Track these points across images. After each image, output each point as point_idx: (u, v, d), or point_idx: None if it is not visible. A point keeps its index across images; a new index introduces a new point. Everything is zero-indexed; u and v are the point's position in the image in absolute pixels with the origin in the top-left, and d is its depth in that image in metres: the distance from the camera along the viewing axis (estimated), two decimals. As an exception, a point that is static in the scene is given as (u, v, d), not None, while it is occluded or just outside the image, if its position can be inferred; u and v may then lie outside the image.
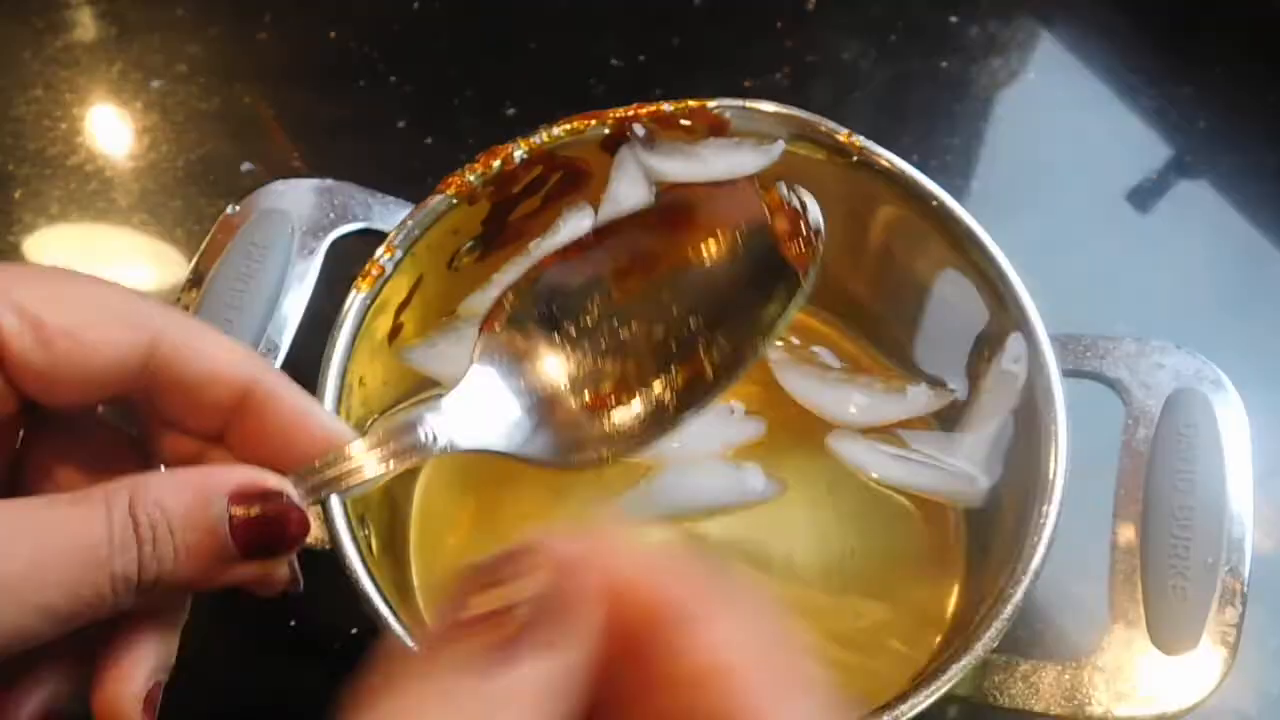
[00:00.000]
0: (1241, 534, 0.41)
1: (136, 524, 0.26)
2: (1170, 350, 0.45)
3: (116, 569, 0.26)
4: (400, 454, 0.30)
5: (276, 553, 0.28)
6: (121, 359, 0.28)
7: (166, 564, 0.26)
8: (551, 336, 0.32)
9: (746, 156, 0.48)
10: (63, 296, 0.27)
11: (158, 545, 0.26)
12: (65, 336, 0.27)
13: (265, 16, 0.70)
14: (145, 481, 0.27)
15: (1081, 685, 0.39)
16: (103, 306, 0.28)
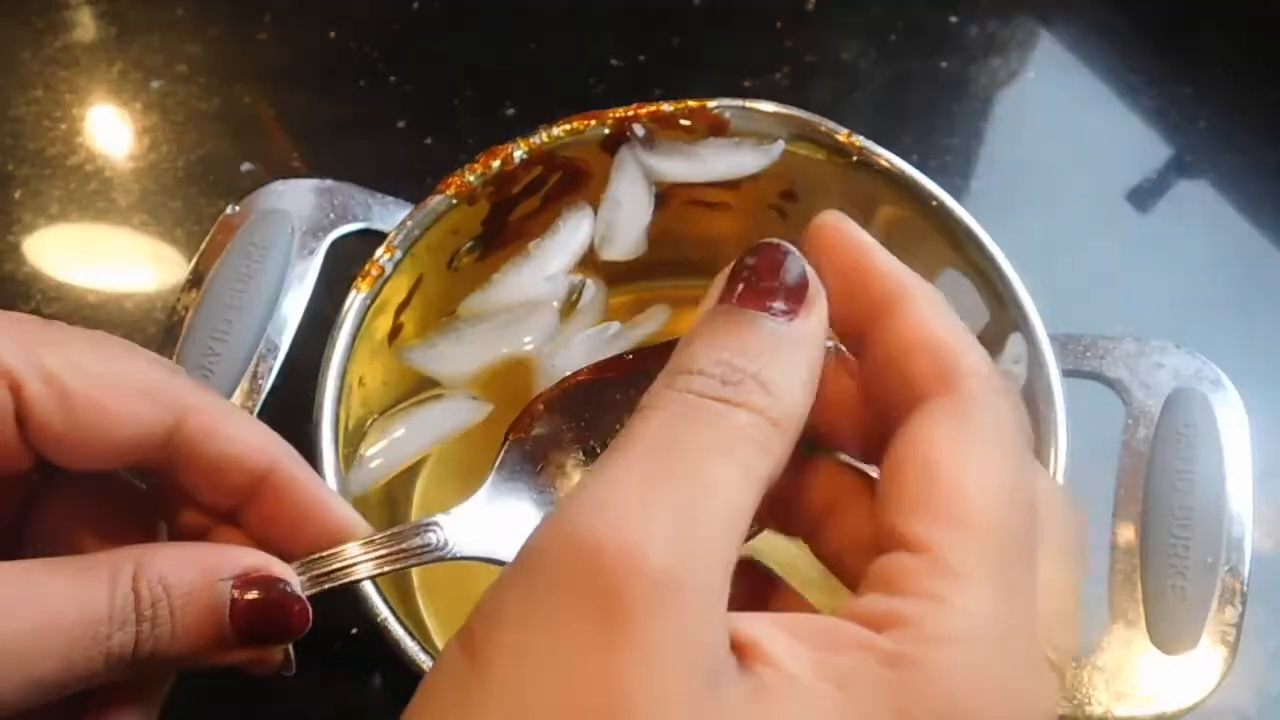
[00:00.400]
0: (1241, 534, 0.41)
1: (138, 598, 0.26)
2: (1170, 350, 0.45)
3: (114, 644, 0.26)
4: (410, 555, 0.30)
5: (274, 641, 0.28)
6: (144, 433, 0.28)
7: (163, 642, 0.26)
8: (578, 455, 0.32)
9: (746, 156, 0.48)
10: (90, 365, 0.27)
11: (156, 622, 0.26)
12: (89, 407, 0.27)
13: (265, 16, 0.70)
14: (152, 554, 0.27)
15: (1081, 685, 0.39)
16: (130, 379, 0.28)
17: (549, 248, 0.48)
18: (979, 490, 0.22)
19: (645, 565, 0.19)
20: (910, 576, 0.21)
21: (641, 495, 0.20)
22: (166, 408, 0.28)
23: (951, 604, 0.21)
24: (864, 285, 0.25)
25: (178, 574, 0.26)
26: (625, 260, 0.49)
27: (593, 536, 0.19)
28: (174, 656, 0.27)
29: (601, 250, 0.49)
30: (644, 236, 0.49)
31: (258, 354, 0.45)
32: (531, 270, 0.48)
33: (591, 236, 0.49)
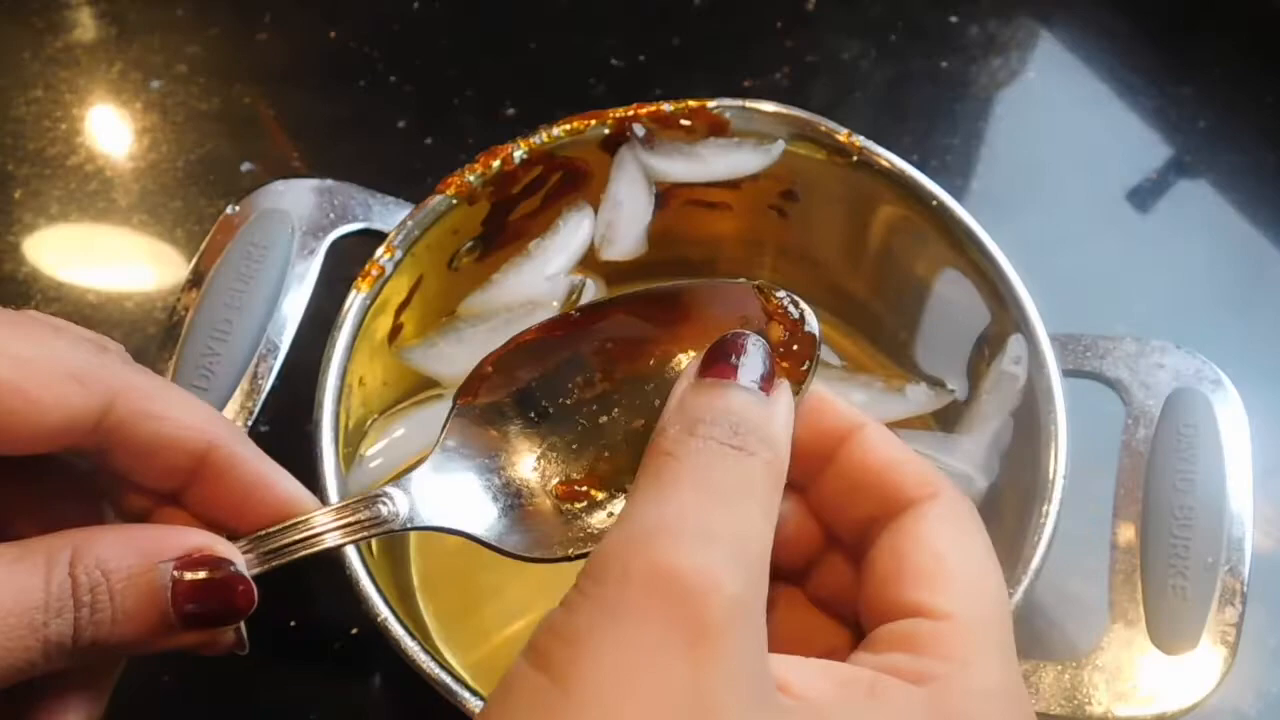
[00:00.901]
0: (1241, 534, 0.41)
1: (75, 584, 0.25)
2: (1170, 350, 0.45)
3: (51, 633, 0.25)
4: (361, 527, 0.29)
5: (219, 623, 0.27)
6: (72, 418, 0.27)
7: (104, 628, 0.26)
8: (528, 415, 0.32)
9: (746, 156, 0.48)
10: (14, 348, 0.26)
11: (96, 608, 0.25)
12: (13, 393, 0.26)
13: (265, 16, 0.70)
14: (90, 538, 0.26)
15: (1081, 685, 0.39)
16: (57, 362, 0.27)
17: (549, 247, 0.48)
18: (981, 574, 0.26)
19: (723, 591, 0.22)
20: (938, 641, 0.25)
21: (703, 529, 0.23)
22: (96, 391, 0.27)
23: (975, 665, 0.24)
24: (822, 420, 0.29)
25: (117, 558, 0.26)
26: (625, 260, 0.49)
27: (673, 563, 0.22)
28: (116, 643, 0.26)
29: (602, 250, 0.49)
30: (644, 236, 0.49)
31: (258, 354, 0.45)
32: (532, 270, 0.48)
33: (592, 236, 0.49)
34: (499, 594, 0.47)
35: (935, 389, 0.47)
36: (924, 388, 0.47)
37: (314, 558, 0.29)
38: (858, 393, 0.48)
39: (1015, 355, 0.43)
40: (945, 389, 0.47)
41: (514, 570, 0.47)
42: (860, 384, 0.48)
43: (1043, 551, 0.39)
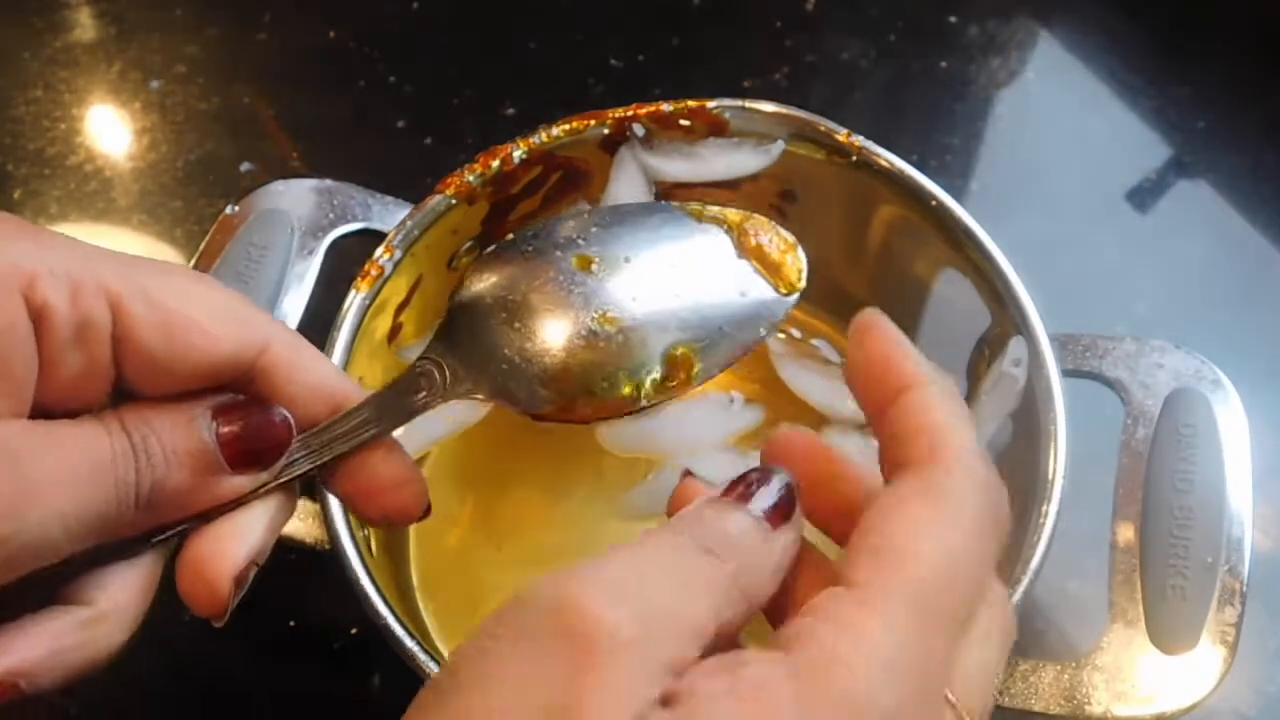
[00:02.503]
0: (1240, 533, 0.41)
1: (129, 436, 0.28)
2: (1169, 350, 0.45)
3: (120, 479, 0.27)
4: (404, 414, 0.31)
5: (265, 460, 0.29)
6: (234, 358, 0.29)
7: (159, 474, 0.28)
8: (546, 272, 0.32)
9: (746, 157, 0.48)
10: (189, 292, 0.29)
11: (150, 454, 0.28)
12: (190, 329, 0.28)
13: (265, 16, 0.70)
14: (130, 406, 0.28)
15: (1081, 685, 0.39)
16: (224, 307, 0.29)
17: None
18: (924, 550, 0.25)
19: (616, 628, 0.23)
20: (834, 604, 0.24)
21: (627, 585, 0.24)
22: (256, 334, 0.29)
23: (867, 633, 0.24)
24: (885, 372, 0.28)
25: (158, 415, 0.28)
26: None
27: (580, 600, 0.23)
28: (174, 490, 0.28)
29: None
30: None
31: (257, 354, 0.45)
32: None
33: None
34: (499, 593, 0.47)
35: None
36: None
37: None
38: None
39: (1015, 357, 0.43)
40: None
41: (513, 570, 0.47)
42: None
43: (1042, 551, 0.39)
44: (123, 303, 0.28)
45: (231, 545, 0.29)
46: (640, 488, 0.47)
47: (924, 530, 0.25)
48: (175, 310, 0.28)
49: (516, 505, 0.49)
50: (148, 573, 0.30)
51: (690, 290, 0.32)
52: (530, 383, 0.32)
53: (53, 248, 0.27)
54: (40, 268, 0.27)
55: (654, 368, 0.32)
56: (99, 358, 0.28)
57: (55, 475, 0.26)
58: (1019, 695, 0.39)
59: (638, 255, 0.33)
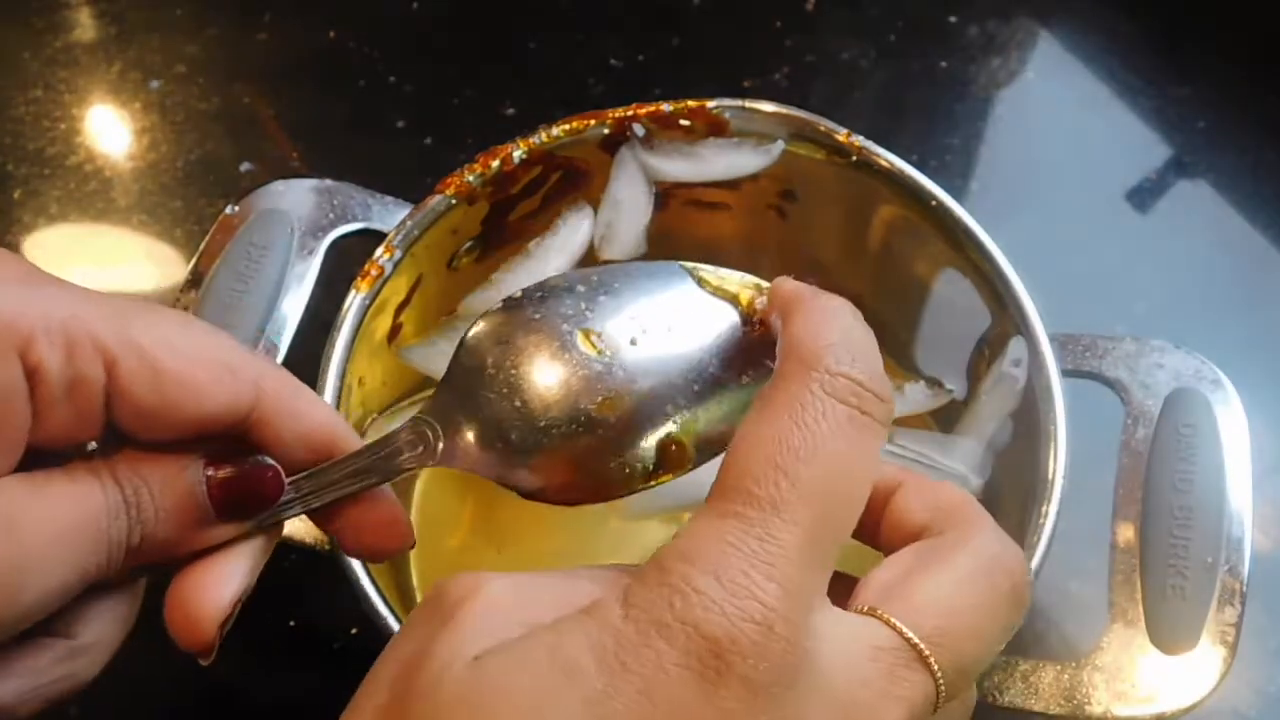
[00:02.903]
0: (1240, 533, 0.41)
1: (121, 488, 0.28)
2: (1169, 350, 0.45)
3: (113, 536, 0.28)
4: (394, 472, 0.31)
5: (252, 512, 0.30)
6: (225, 411, 0.29)
7: (149, 526, 0.28)
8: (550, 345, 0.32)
9: (746, 156, 0.48)
10: (181, 344, 0.29)
11: (141, 508, 0.28)
12: (179, 385, 0.28)
13: (265, 16, 0.70)
14: (123, 455, 0.29)
15: (1081, 685, 0.39)
16: (215, 359, 0.29)
17: (549, 247, 0.48)
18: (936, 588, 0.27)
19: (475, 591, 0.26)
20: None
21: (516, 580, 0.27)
22: (247, 384, 0.29)
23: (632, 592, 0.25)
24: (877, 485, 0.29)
25: (149, 466, 0.28)
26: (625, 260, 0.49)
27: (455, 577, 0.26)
28: (164, 539, 0.28)
29: (601, 250, 0.49)
30: (644, 236, 0.49)
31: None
32: (531, 270, 0.48)
33: (591, 236, 0.49)
34: (498, 594, 0.47)
35: (933, 388, 0.47)
36: (922, 386, 0.47)
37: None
38: None
39: (1015, 357, 0.43)
40: (944, 389, 0.47)
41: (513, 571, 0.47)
42: None
43: (1042, 551, 0.39)
44: (116, 361, 0.28)
45: (216, 589, 0.29)
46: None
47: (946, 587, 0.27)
48: (168, 368, 0.28)
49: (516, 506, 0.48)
50: (128, 605, 0.30)
51: (693, 377, 0.31)
52: (523, 465, 0.32)
53: (47, 299, 0.27)
54: (36, 327, 0.27)
55: (649, 458, 0.31)
56: (90, 410, 0.28)
57: (51, 539, 0.26)
58: (1019, 695, 0.39)
59: (644, 338, 0.32)
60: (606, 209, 0.48)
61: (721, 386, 0.32)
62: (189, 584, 0.29)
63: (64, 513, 0.27)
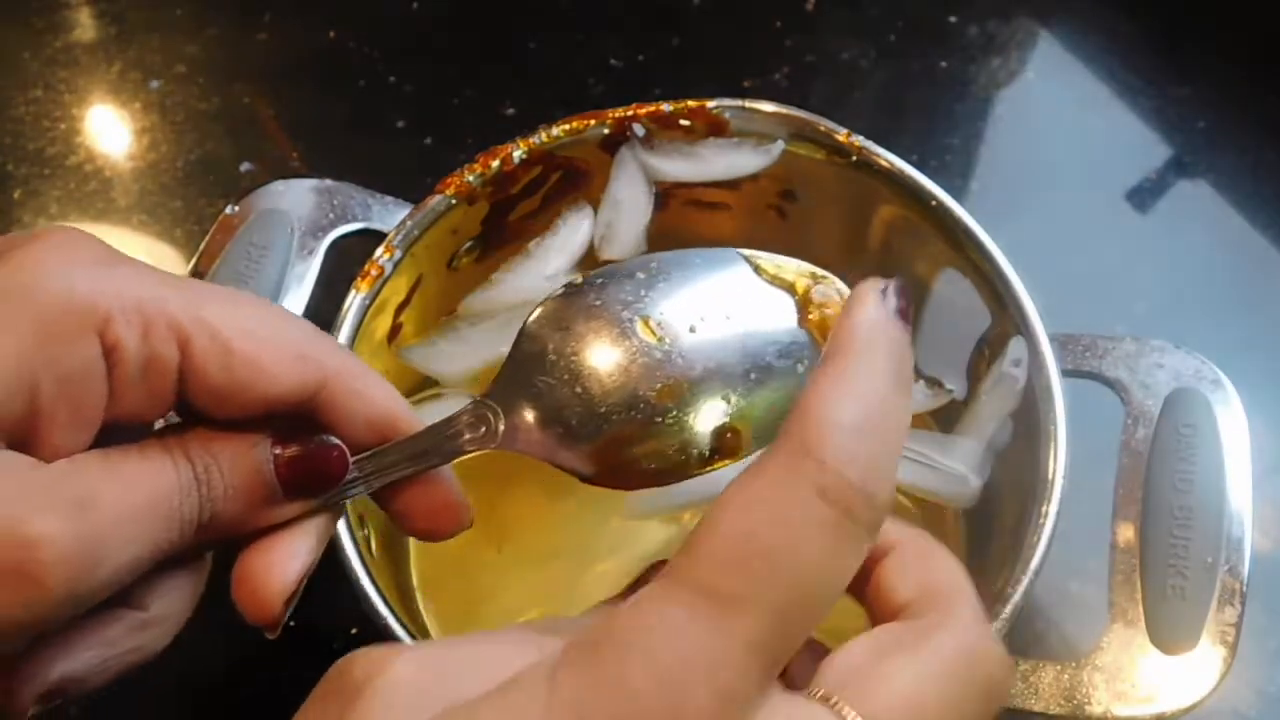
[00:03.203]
0: (1240, 534, 0.41)
1: (193, 465, 0.28)
2: (1169, 350, 0.45)
3: (185, 513, 0.28)
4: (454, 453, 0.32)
5: (317, 491, 0.30)
6: (293, 392, 0.29)
7: (219, 504, 0.29)
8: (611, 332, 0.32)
9: (746, 156, 0.48)
10: (252, 326, 0.29)
11: (211, 485, 0.29)
12: (249, 365, 0.29)
13: (265, 16, 0.70)
14: (192, 431, 0.29)
15: (1081, 685, 0.39)
16: (286, 342, 0.30)
17: (549, 247, 0.48)
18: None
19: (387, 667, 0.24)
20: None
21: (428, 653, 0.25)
22: (314, 367, 0.30)
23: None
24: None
25: (219, 444, 0.29)
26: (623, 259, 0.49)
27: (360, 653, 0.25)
28: (232, 517, 0.29)
29: (601, 250, 0.49)
30: (644, 236, 0.49)
31: (257, 354, 0.45)
32: (531, 270, 0.48)
33: (591, 236, 0.49)
34: (499, 594, 0.47)
35: (933, 388, 0.47)
36: (922, 386, 0.47)
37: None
38: None
39: (1015, 357, 0.43)
40: (944, 388, 0.47)
41: (514, 571, 0.47)
42: None
43: (1042, 551, 0.39)
44: (190, 341, 0.28)
45: (282, 565, 0.30)
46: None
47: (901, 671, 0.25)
48: (239, 349, 0.29)
49: (517, 505, 0.49)
50: (196, 579, 0.31)
51: (750, 365, 0.32)
52: (581, 449, 0.32)
53: (124, 280, 0.28)
54: (114, 307, 0.27)
55: (705, 444, 0.31)
56: (163, 388, 0.29)
57: (127, 516, 0.27)
58: (1019, 695, 0.39)
59: (702, 325, 0.32)
60: (606, 209, 0.48)
61: (778, 374, 0.32)
62: (256, 560, 0.30)
63: (139, 490, 0.27)
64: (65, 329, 0.27)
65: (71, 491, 0.26)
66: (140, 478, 0.28)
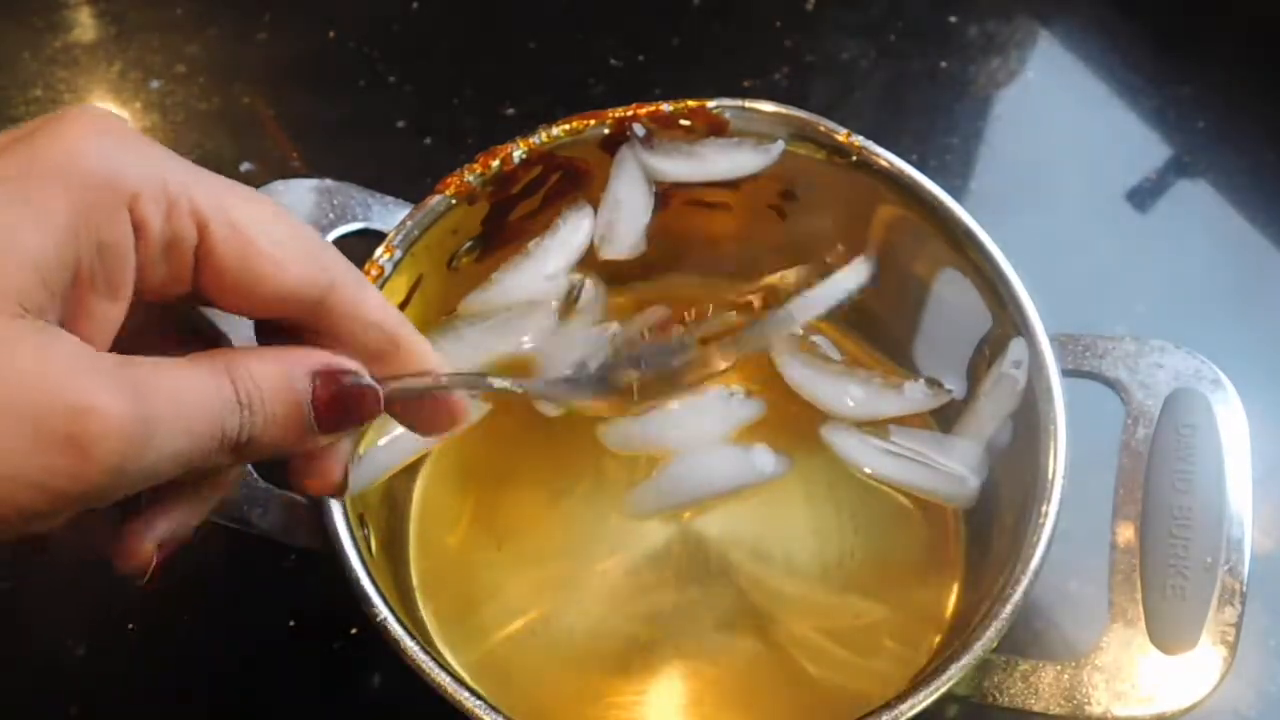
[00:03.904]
0: (1240, 534, 0.41)
1: (236, 388, 0.30)
2: (1169, 350, 0.45)
3: (227, 426, 0.29)
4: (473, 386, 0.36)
5: (350, 426, 0.32)
6: (301, 290, 0.31)
7: (258, 429, 0.30)
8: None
9: (747, 157, 0.48)
10: (268, 223, 0.31)
11: (253, 410, 0.30)
12: (264, 259, 0.30)
13: (265, 16, 0.70)
14: (240, 355, 0.30)
15: (1081, 685, 0.39)
16: (298, 241, 0.31)
17: (549, 247, 0.48)
18: None
19: None
20: None
21: None
22: (325, 273, 0.31)
23: None
24: None
25: (263, 369, 0.30)
26: (625, 259, 0.49)
27: None
28: (268, 443, 0.30)
29: (601, 249, 0.49)
30: (644, 236, 0.49)
31: (257, 354, 0.45)
32: (531, 269, 0.48)
33: (591, 236, 0.49)
34: (499, 594, 0.47)
35: (933, 388, 0.47)
36: (921, 385, 0.47)
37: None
38: (856, 387, 0.48)
39: (1016, 358, 0.43)
40: (943, 388, 0.47)
41: (513, 570, 0.47)
42: (859, 380, 0.48)
43: (1042, 551, 0.39)
44: (209, 225, 0.29)
45: (330, 466, 0.34)
46: (641, 485, 0.47)
47: None
48: (252, 240, 0.30)
49: (517, 504, 0.49)
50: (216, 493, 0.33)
51: None
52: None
53: (154, 159, 0.29)
54: (143, 186, 0.29)
55: None
56: (181, 268, 0.30)
57: (176, 408, 0.28)
58: (1019, 695, 0.39)
59: None
60: (607, 208, 0.48)
61: None
62: (307, 467, 0.33)
63: (188, 391, 0.28)
64: (103, 202, 0.28)
65: (128, 375, 0.27)
66: (190, 382, 0.29)
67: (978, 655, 0.37)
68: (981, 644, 0.37)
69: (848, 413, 0.47)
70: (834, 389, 0.48)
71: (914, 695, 0.36)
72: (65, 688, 0.49)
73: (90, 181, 0.28)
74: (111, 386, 0.26)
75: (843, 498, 0.48)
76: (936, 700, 0.36)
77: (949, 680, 0.36)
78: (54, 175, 0.27)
